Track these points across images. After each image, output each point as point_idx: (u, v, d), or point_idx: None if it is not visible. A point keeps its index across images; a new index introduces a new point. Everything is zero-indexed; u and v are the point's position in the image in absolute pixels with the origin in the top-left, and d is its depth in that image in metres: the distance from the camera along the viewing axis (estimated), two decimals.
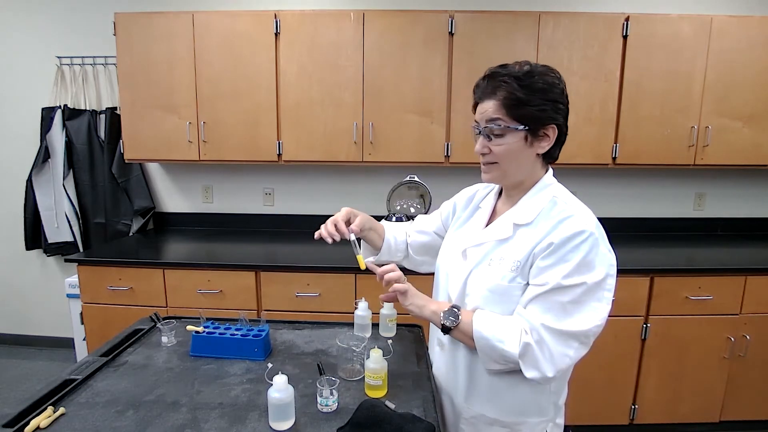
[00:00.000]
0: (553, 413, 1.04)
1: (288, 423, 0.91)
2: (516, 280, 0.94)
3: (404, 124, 2.42)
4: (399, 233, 1.28)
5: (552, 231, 0.92)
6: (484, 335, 0.92)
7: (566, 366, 0.90)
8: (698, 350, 2.22)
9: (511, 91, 0.91)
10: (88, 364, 1.14)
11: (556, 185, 1.01)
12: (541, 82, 0.91)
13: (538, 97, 0.91)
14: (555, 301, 0.88)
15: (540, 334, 0.88)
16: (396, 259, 1.28)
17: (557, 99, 0.93)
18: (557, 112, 0.93)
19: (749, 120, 2.41)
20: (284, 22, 2.36)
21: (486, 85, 0.95)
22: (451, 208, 1.23)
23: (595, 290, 0.89)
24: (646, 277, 2.16)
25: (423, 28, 2.35)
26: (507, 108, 0.92)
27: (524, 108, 0.91)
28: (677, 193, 2.87)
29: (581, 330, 0.88)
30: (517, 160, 0.96)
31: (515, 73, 0.92)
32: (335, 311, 2.19)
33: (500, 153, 0.95)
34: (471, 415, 1.04)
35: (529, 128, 0.92)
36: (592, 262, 0.88)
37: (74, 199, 2.84)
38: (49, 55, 2.78)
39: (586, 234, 0.89)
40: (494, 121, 0.93)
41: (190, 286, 2.23)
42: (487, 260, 0.99)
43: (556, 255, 0.89)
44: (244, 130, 2.46)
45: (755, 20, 2.35)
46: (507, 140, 0.94)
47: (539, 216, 0.96)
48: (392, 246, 1.25)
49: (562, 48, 2.34)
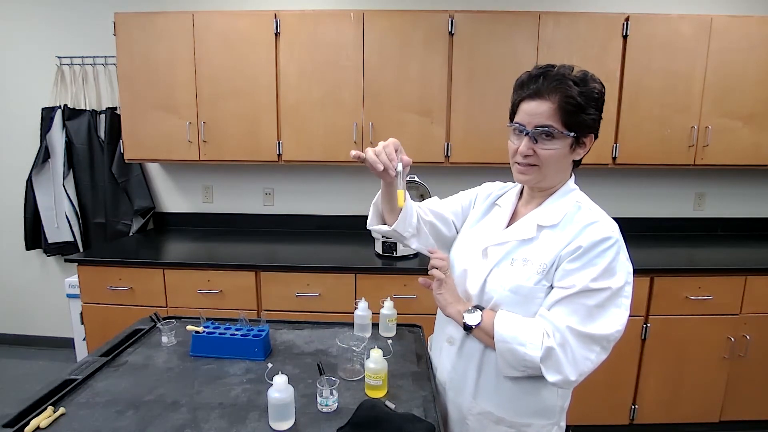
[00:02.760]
0: (559, 416, 1.04)
1: (288, 423, 0.91)
2: (541, 283, 0.94)
3: (404, 124, 2.42)
4: (411, 204, 1.13)
5: (579, 235, 0.92)
6: (504, 337, 0.92)
7: (588, 370, 0.89)
8: (698, 350, 2.21)
9: (571, 95, 0.88)
10: (88, 364, 1.14)
11: (578, 190, 1.01)
12: (597, 91, 0.91)
13: (592, 106, 0.91)
14: (581, 303, 0.89)
15: (564, 337, 0.88)
16: (407, 233, 1.11)
17: (602, 108, 0.94)
18: (598, 121, 0.94)
19: (749, 120, 2.41)
20: (284, 22, 2.36)
21: (542, 83, 0.90)
22: (473, 199, 1.20)
23: (616, 296, 0.89)
24: (646, 277, 2.16)
25: (423, 28, 2.35)
26: (563, 112, 0.89)
27: (579, 115, 0.90)
28: (677, 193, 2.87)
29: (604, 334, 0.89)
30: (558, 165, 0.96)
31: (573, 77, 0.89)
32: (335, 311, 2.19)
33: (545, 157, 0.92)
34: (478, 412, 1.04)
35: (577, 135, 0.92)
36: (615, 269, 0.89)
37: (74, 199, 2.84)
38: (49, 55, 2.78)
39: (613, 240, 0.90)
40: (547, 125, 0.89)
41: (190, 286, 2.23)
42: (508, 260, 0.99)
43: (584, 259, 0.89)
44: (244, 130, 2.46)
45: (755, 20, 2.35)
46: (555, 145, 0.91)
47: (565, 219, 0.96)
48: (409, 213, 1.09)
49: (562, 48, 2.34)
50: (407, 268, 2.20)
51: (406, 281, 2.17)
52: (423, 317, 1.55)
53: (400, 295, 2.12)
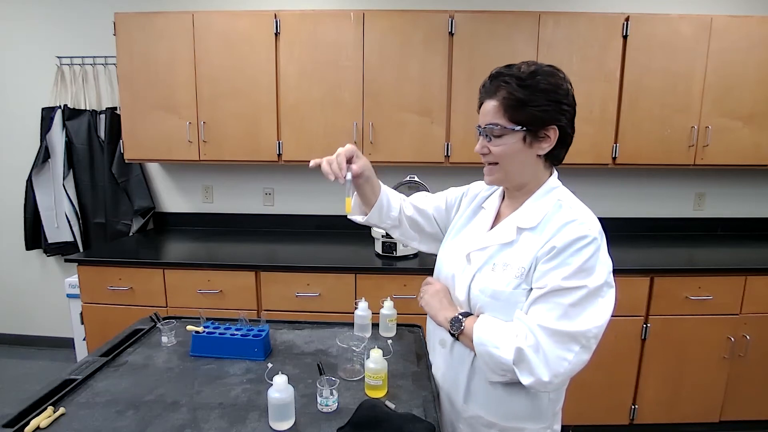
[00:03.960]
0: (551, 420, 1.04)
1: (288, 423, 0.91)
2: (521, 287, 0.93)
3: (404, 124, 2.42)
4: (394, 198, 1.22)
5: (555, 235, 0.91)
6: (482, 341, 0.92)
7: (564, 370, 0.86)
8: (698, 350, 2.22)
9: (511, 91, 0.90)
10: (88, 364, 1.14)
11: (561, 189, 1.00)
12: (545, 83, 0.91)
13: (540, 98, 0.90)
14: (555, 302, 0.87)
15: (536, 337, 0.86)
16: (385, 224, 1.21)
17: (561, 100, 0.92)
18: (560, 113, 0.92)
19: (749, 120, 2.41)
20: (284, 22, 2.36)
21: (489, 85, 0.95)
22: (459, 198, 1.20)
23: (595, 295, 0.88)
24: (646, 277, 2.16)
25: (423, 28, 2.35)
26: (506, 108, 0.91)
27: (524, 108, 0.90)
28: (677, 193, 2.87)
29: (581, 330, 0.86)
30: (516, 161, 0.95)
31: (518, 73, 0.91)
32: (335, 311, 2.19)
33: (499, 153, 0.95)
34: (469, 415, 1.04)
35: (528, 129, 0.92)
36: (593, 267, 0.88)
37: (74, 199, 2.84)
38: (49, 55, 2.78)
39: (589, 239, 0.88)
40: (493, 122, 0.93)
41: (190, 286, 2.23)
42: (490, 265, 0.98)
43: (558, 258, 0.89)
44: (244, 130, 2.46)
45: (755, 20, 2.35)
46: (505, 141, 0.93)
47: (544, 220, 0.95)
48: (384, 207, 1.18)
49: (562, 48, 2.34)
50: (407, 268, 2.20)
51: (406, 281, 2.17)
52: (423, 317, 1.54)
53: (400, 295, 2.12)
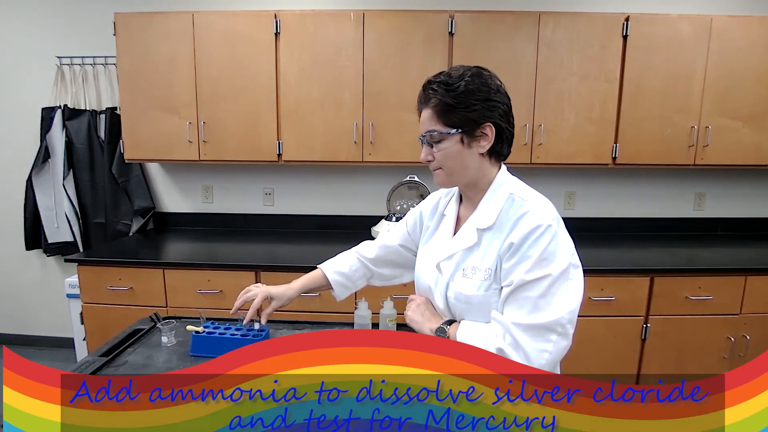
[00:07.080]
0: None
1: None
2: (491, 288, 0.95)
3: (404, 124, 2.42)
4: (344, 264, 1.32)
5: (512, 231, 0.92)
6: None
7: (546, 361, 0.87)
8: (698, 350, 2.22)
9: (440, 98, 0.94)
10: (88, 364, 1.14)
11: (511, 181, 1.01)
12: (471, 84, 0.93)
13: (468, 99, 0.93)
14: (523, 297, 0.88)
15: (513, 335, 0.87)
16: (360, 285, 1.33)
17: (489, 97, 0.94)
18: (491, 110, 0.94)
19: (749, 120, 2.41)
20: (284, 22, 2.36)
21: (422, 95, 0.98)
22: (418, 217, 1.23)
23: (561, 280, 0.89)
24: (646, 277, 2.16)
25: (423, 28, 2.35)
26: (439, 114, 0.95)
27: (455, 112, 0.93)
28: (677, 193, 2.87)
29: (555, 319, 0.87)
30: (459, 163, 0.97)
31: (445, 79, 0.95)
32: (335, 311, 2.18)
33: (441, 158, 0.98)
34: None
35: (463, 130, 0.94)
36: (553, 254, 0.89)
37: (74, 199, 2.84)
38: (49, 55, 2.78)
39: (543, 227, 0.89)
40: (430, 129, 0.97)
41: (190, 286, 2.23)
42: (460, 271, 1.00)
43: (518, 253, 0.90)
44: (244, 130, 2.46)
45: (755, 20, 2.35)
46: (445, 145, 0.96)
47: (499, 217, 0.96)
48: (346, 279, 1.31)
49: (562, 48, 2.34)
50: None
51: None
52: None
53: (400, 295, 2.11)
